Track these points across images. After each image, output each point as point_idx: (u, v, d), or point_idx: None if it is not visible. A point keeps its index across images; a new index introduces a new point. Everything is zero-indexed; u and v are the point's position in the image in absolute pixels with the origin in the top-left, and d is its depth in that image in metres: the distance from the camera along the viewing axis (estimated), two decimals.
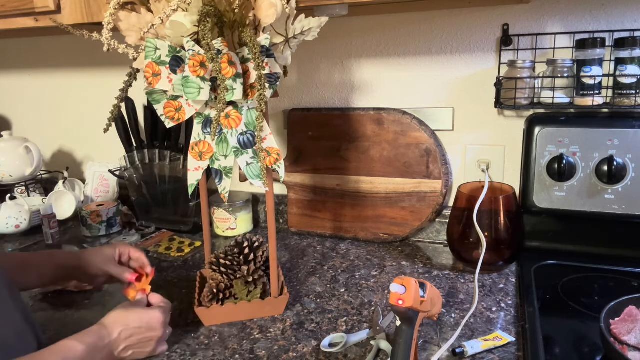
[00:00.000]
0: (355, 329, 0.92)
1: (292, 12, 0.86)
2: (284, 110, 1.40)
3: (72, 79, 1.66)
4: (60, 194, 1.52)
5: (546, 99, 1.10)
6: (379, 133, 1.27)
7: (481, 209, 1.07)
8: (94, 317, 1.00)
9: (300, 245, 1.32)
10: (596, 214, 1.08)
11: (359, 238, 1.33)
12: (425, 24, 1.22)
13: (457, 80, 1.23)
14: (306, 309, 1.00)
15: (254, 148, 0.88)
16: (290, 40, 0.88)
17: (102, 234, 1.43)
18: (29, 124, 1.79)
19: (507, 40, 1.15)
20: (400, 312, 0.72)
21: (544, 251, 1.14)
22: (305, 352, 0.86)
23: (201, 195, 1.03)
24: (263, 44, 0.82)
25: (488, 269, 1.10)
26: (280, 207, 1.44)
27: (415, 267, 1.16)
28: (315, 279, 1.13)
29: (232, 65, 0.81)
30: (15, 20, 1.15)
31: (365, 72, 1.30)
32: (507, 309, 0.96)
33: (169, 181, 1.44)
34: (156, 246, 1.33)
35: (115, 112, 0.90)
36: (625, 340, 0.77)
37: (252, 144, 0.89)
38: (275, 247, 0.97)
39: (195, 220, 1.42)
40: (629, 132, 1.05)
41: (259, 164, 0.89)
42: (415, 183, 1.25)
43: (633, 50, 1.01)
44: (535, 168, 1.11)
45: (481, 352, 0.83)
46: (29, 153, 1.57)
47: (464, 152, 1.26)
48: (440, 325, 0.92)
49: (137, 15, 0.87)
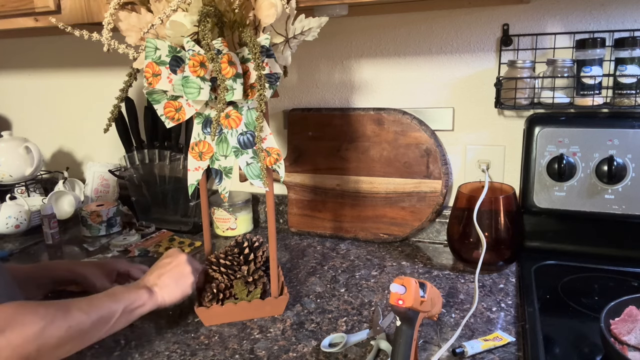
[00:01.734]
0: (355, 329, 0.92)
1: (292, 12, 0.86)
2: (284, 110, 1.40)
3: (72, 79, 1.66)
4: (60, 194, 1.52)
5: (546, 99, 1.10)
6: (379, 133, 1.27)
7: (481, 209, 1.07)
8: None
9: (300, 245, 1.32)
10: (596, 214, 1.08)
11: (359, 238, 1.33)
12: (425, 24, 1.22)
13: (457, 80, 1.23)
14: (306, 309, 1.00)
15: (254, 148, 0.88)
16: (290, 40, 0.88)
17: (102, 234, 1.43)
18: (29, 124, 1.79)
19: (507, 40, 1.15)
20: (400, 312, 0.72)
21: (544, 251, 1.14)
22: (305, 352, 0.86)
23: (201, 195, 1.03)
24: (263, 44, 0.82)
25: (488, 269, 1.10)
26: (280, 207, 1.44)
27: (415, 267, 1.16)
28: (315, 279, 1.13)
29: (232, 65, 0.81)
30: (15, 20, 1.16)
31: (365, 72, 1.30)
32: (507, 309, 0.96)
33: (169, 181, 1.44)
34: (156, 246, 1.33)
35: (115, 112, 0.90)
36: (625, 340, 0.77)
37: (252, 144, 0.89)
38: (275, 247, 0.97)
39: (195, 220, 1.43)
40: (629, 132, 1.05)
41: (259, 164, 0.89)
42: (415, 183, 1.25)
43: (633, 50, 1.01)
44: (535, 168, 1.11)
45: (481, 352, 0.83)
46: (29, 153, 1.57)
47: (464, 152, 1.26)
48: (440, 325, 0.92)
49: (137, 15, 0.87)
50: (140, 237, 1.39)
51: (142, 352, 0.88)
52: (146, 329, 0.95)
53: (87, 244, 1.38)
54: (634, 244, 1.09)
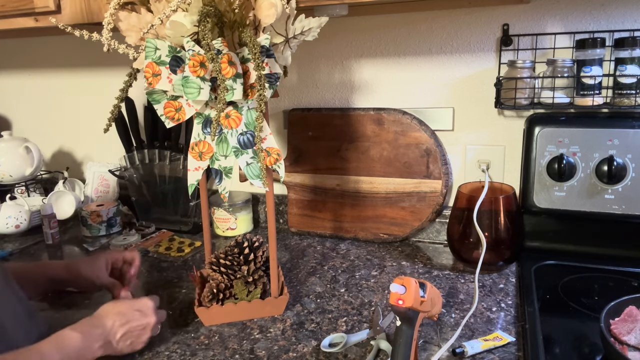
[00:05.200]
0: (355, 329, 0.92)
1: (292, 12, 0.86)
2: (284, 110, 1.40)
3: (72, 79, 1.66)
4: (60, 194, 1.52)
5: (546, 99, 1.10)
6: (379, 133, 1.27)
7: (481, 209, 1.07)
8: None
9: (300, 245, 1.32)
10: (596, 214, 1.08)
11: (359, 238, 1.33)
12: (425, 24, 1.22)
13: (457, 80, 1.23)
14: (306, 309, 1.00)
15: (254, 148, 0.88)
16: (290, 40, 0.88)
17: (102, 234, 1.43)
18: (29, 124, 1.79)
19: (507, 40, 1.15)
20: (400, 312, 0.72)
21: (544, 251, 1.14)
22: (305, 352, 0.86)
23: (201, 195, 1.03)
24: (263, 44, 0.82)
25: (488, 269, 1.10)
26: (280, 207, 1.44)
27: (415, 267, 1.16)
28: (315, 279, 1.13)
29: (232, 65, 0.81)
30: (15, 20, 1.15)
31: (365, 72, 1.30)
32: (507, 309, 0.96)
33: (169, 181, 1.44)
34: (156, 246, 1.33)
35: (115, 112, 0.90)
36: (625, 340, 0.77)
37: (252, 144, 0.89)
38: (275, 247, 0.97)
39: (195, 220, 1.43)
40: (629, 132, 1.05)
41: (259, 164, 0.89)
42: (415, 183, 1.25)
43: (633, 50, 1.01)
44: (535, 168, 1.11)
45: (481, 352, 0.83)
46: (29, 153, 1.57)
47: (464, 152, 1.26)
48: (440, 325, 0.92)
49: (137, 16, 0.87)
50: (140, 237, 1.39)
51: (142, 352, 0.87)
52: None
53: (87, 244, 1.38)
54: (634, 244, 1.09)
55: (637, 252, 1.08)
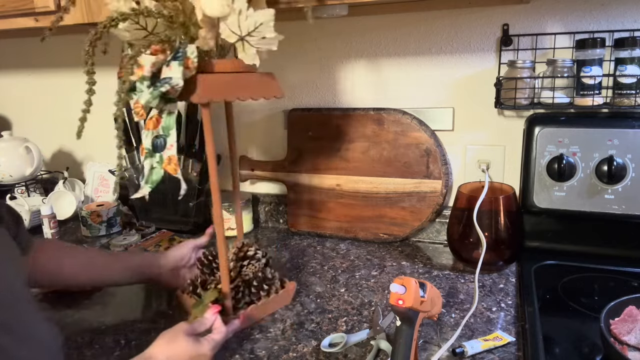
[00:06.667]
0: (355, 329, 0.92)
1: (243, 7, 0.82)
2: (284, 110, 1.40)
3: (72, 79, 1.66)
4: (60, 194, 1.52)
5: (546, 99, 1.10)
6: (379, 133, 1.27)
7: (481, 209, 1.07)
8: (94, 317, 1.00)
9: (300, 245, 1.32)
10: (596, 214, 1.08)
11: (359, 238, 1.33)
12: (425, 24, 1.22)
13: (457, 80, 1.23)
14: (306, 309, 1.00)
15: (161, 153, 0.87)
16: (246, 39, 0.84)
17: (102, 234, 1.43)
18: (29, 124, 1.79)
19: (507, 40, 1.15)
20: (400, 312, 0.72)
21: (544, 251, 1.14)
22: (305, 352, 0.86)
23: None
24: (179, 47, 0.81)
25: (488, 269, 1.10)
26: (280, 207, 1.44)
27: (415, 267, 1.16)
28: (315, 279, 1.13)
29: (140, 67, 0.82)
30: (15, 20, 1.16)
31: (365, 72, 1.30)
32: (507, 309, 0.96)
33: (169, 181, 1.43)
34: (156, 246, 1.33)
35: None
36: (625, 340, 0.77)
37: (162, 149, 0.88)
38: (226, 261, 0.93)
39: (195, 220, 1.42)
40: (629, 132, 1.05)
41: (161, 171, 0.88)
42: (415, 183, 1.25)
43: (633, 50, 1.01)
44: (535, 168, 1.11)
45: (481, 352, 0.83)
46: (29, 153, 1.57)
47: (464, 152, 1.26)
48: (440, 325, 0.92)
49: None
50: (140, 237, 1.39)
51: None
52: (146, 329, 0.95)
53: (87, 244, 1.38)
54: (634, 244, 1.09)
55: (637, 252, 1.08)
